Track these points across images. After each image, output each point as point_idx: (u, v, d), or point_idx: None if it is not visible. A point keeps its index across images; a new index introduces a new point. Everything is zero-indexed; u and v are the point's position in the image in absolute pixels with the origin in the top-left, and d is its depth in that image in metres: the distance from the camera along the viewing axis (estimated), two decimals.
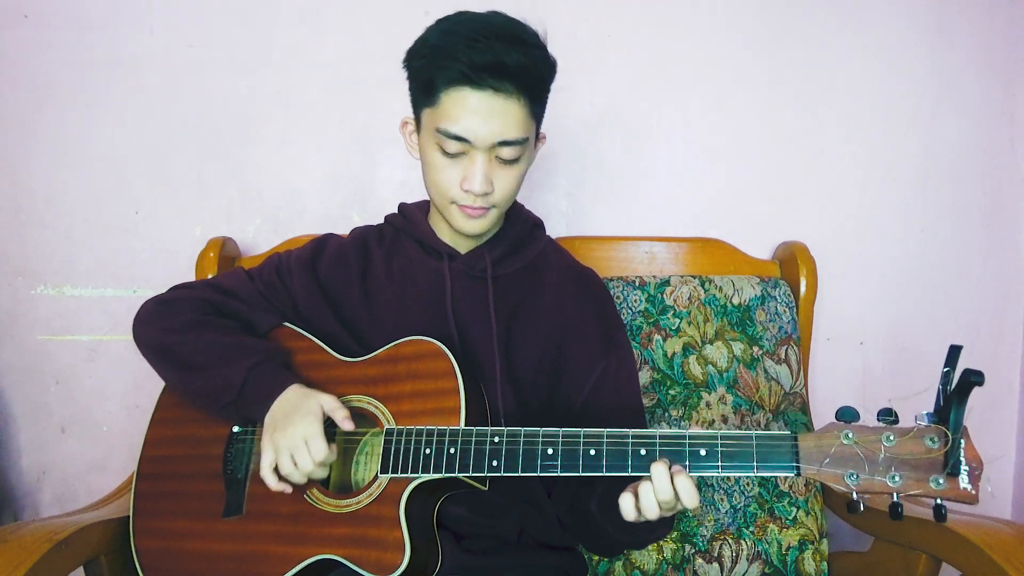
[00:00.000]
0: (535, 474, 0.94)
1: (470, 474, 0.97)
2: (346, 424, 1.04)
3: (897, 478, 0.83)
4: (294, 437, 1.00)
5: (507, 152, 1.01)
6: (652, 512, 0.89)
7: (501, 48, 0.95)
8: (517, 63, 0.96)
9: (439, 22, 1.03)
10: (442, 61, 0.97)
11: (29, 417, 1.76)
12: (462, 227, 1.08)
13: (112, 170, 1.68)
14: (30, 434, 1.76)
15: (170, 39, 1.65)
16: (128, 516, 1.17)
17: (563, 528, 1.16)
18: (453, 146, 1.01)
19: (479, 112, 0.97)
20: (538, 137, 1.09)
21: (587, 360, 1.14)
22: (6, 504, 1.77)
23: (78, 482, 1.76)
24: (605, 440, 0.93)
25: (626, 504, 0.91)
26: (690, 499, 0.88)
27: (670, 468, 0.88)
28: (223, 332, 1.13)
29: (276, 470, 1.02)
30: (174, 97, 1.66)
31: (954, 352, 0.82)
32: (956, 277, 1.71)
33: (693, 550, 1.40)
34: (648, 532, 1.03)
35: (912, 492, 0.83)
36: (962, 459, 0.82)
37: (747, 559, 1.40)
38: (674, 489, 0.88)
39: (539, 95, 1.03)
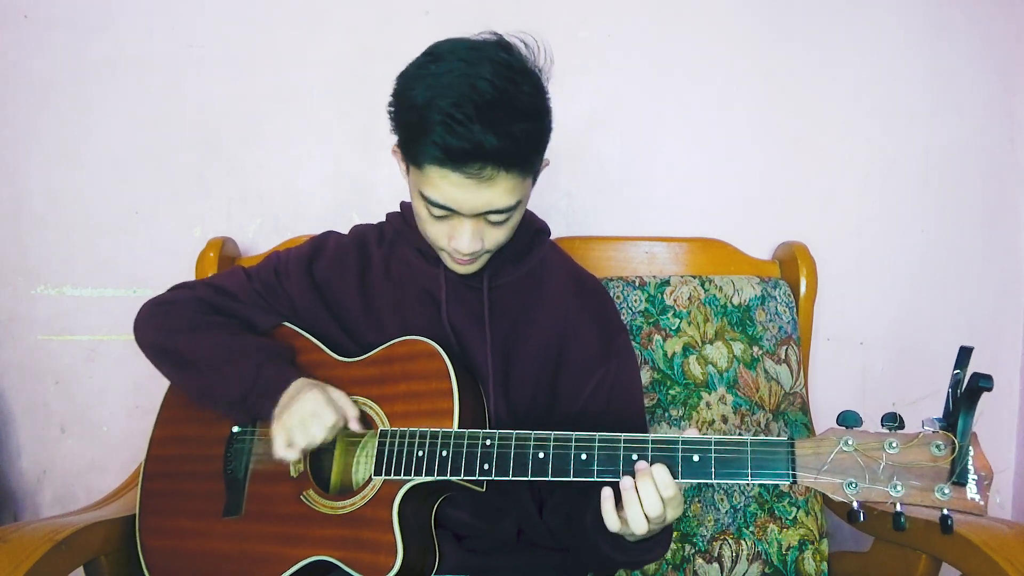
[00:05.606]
0: (527, 478, 0.93)
1: (462, 477, 0.96)
2: (353, 424, 1.04)
3: (899, 487, 0.80)
4: (302, 412, 1.00)
5: (496, 217, 0.97)
6: (638, 519, 0.87)
7: (480, 129, 0.87)
8: (497, 147, 0.88)
9: (421, 69, 0.93)
10: (420, 137, 0.90)
11: (29, 417, 1.76)
12: (454, 269, 1.06)
13: (112, 170, 1.68)
14: (30, 434, 1.76)
15: (170, 39, 1.65)
16: (129, 516, 1.18)
17: (557, 540, 1.14)
18: (438, 211, 0.96)
19: (462, 187, 0.92)
20: (537, 174, 1.03)
21: (585, 367, 1.11)
22: (6, 504, 1.77)
23: (78, 482, 1.76)
24: (597, 444, 0.92)
25: (606, 499, 0.89)
26: (666, 488, 0.87)
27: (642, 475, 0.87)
28: (227, 332, 1.13)
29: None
30: (174, 97, 1.66)
31: (964, 354, 0.78)
32: (956, 277, 1.70)
33: (693, 550, 1.40)
34: (643, 552, 1.00)
35: (915, 502, 0.80)
36: (970, 467, 0.79)
37: (747, 559, 1.40)
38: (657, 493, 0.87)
39: (534, 158, 0.96)
